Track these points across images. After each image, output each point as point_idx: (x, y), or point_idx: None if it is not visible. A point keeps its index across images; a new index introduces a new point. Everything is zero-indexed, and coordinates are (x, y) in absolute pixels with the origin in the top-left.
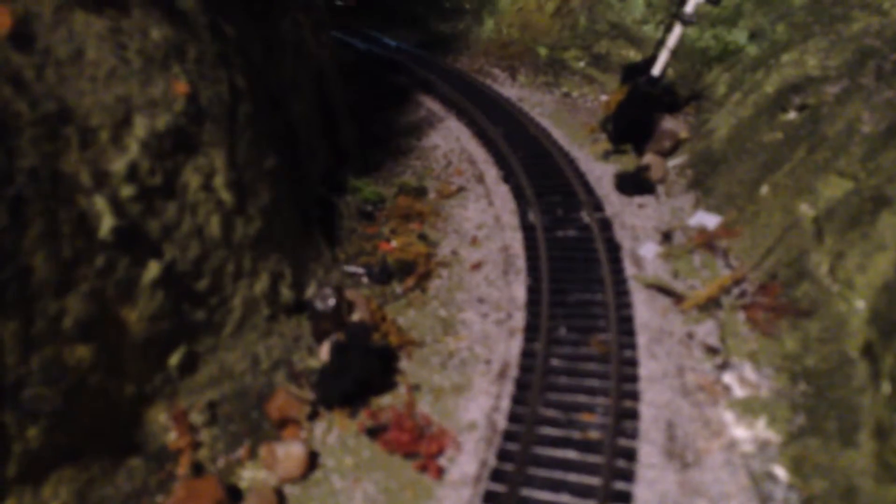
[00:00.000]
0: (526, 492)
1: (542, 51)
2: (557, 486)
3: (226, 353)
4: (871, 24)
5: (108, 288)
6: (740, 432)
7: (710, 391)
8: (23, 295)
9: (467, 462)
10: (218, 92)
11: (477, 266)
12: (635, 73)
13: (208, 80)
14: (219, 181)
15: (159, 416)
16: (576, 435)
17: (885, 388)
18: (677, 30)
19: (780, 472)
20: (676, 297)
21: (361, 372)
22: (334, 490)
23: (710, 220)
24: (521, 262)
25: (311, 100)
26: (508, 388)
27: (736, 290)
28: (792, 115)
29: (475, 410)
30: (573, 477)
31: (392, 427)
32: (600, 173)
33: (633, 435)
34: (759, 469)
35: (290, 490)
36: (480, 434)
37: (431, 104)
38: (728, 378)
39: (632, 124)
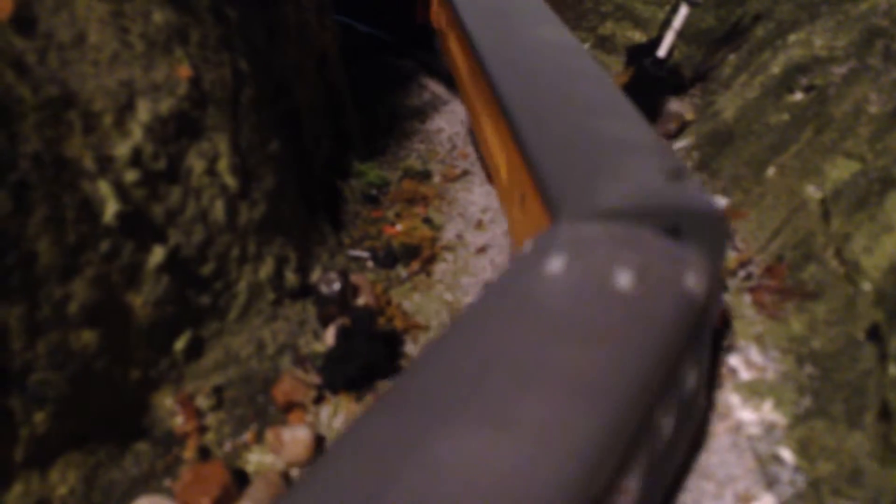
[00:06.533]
0: None
1: None
2: None
3: (231, 337)
4: (879, 4)
5: (113, 273)
6: (746, 415)
7: (716, 374)
8: (28, 280)
9: None
10: (221, 76)
11: (482, 250)
12: (640, 54)
13: (211, 63)
14: (223, 165)
15: (165, 401)
16: None
17: (892, 370)
18: (683, 10)
19: (787, 454)
20: None
21: (367, 356)
22: None
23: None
24: None
25: (314, 83)
26: None
27: (742, 273)
28: (799, 96)
29: None
30: None
31: None
32: None
33: None
34: (765, 451)
35: (296, 474)
36: None
37: (435, 87)
38: (734, 361)
39: (637, 106)
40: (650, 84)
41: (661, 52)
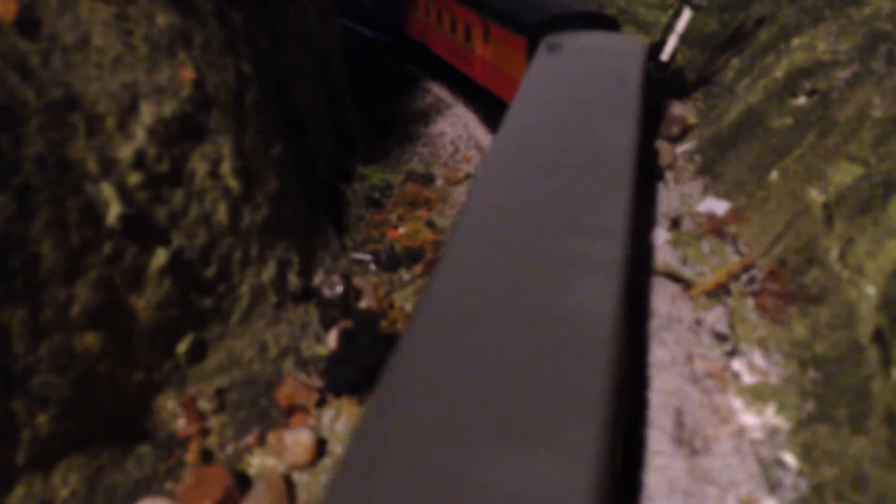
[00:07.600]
0: None
1: None
2: None
3: (234, 340)
4: (883, 8)
5: (115, 276)
6: (749, 419)
7: (719, 378)
8: (31, 283)
9: None
10: (224, 79)
11: None
12: None
13: (215, 66)
14: (226, 168)
15: (168, 404)
16: None
17: (895, 374)
18: (686, 14)
19: (790, 459)
20: (685, 284)
21: (369, 359)
22: None
23: (719, 207)
24: None
25: (317, 87)
26: None
27: (745, 277)
28: (802, 99)
29: None
30: None
31: None
32: None
33: (642, 422)
34: (768, 456)
35: (298, 477)
36: None
37: (439, 91)
38: (737, 365)
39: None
40: (653, 87)
41: (665, 55)
